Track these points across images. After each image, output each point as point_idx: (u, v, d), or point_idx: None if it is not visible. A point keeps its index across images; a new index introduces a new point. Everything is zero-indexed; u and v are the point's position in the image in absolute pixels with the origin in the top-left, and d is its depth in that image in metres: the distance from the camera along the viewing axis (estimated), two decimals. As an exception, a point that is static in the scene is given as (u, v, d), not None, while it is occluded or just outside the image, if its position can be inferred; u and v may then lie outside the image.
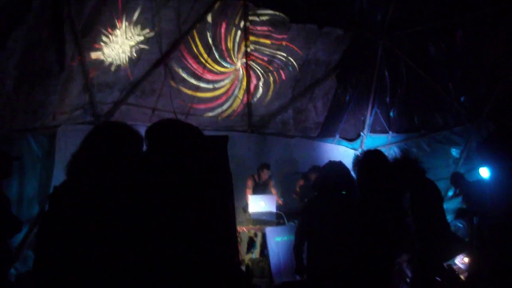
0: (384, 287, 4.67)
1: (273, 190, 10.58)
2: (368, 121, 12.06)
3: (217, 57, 9.90)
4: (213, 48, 9.74)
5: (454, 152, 11.44)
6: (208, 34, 9.53)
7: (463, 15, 9.83)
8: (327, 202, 5.32)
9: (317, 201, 5.58)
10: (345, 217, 4.75)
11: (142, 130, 3.08)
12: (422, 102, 11.41)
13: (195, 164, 3.17)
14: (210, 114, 10.56)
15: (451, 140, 11.50)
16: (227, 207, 5.99)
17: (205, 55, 9.71)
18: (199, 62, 9.73)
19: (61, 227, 2.67)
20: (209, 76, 10.03)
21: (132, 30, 8.49)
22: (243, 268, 8.56)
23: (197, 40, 9.48)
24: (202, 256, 2.98)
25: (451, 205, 10.46)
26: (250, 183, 10.46)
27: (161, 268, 2.85)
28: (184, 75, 9.70)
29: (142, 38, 8.66)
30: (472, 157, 10.84)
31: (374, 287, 4.59)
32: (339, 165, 5.70)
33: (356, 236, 4.54)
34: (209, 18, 9.30)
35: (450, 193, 10.87)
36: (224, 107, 10.67)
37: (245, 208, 10.04)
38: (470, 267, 8.05)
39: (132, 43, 8.62)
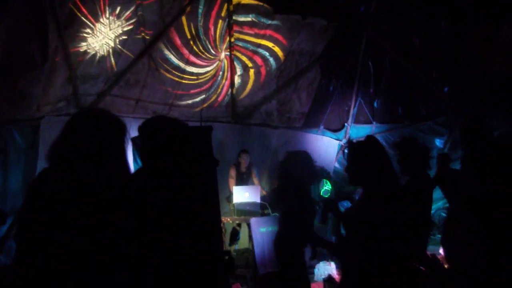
0: None
1: (256, 180, 10.59)
2: (352, 111, 12.11)
3: (201, 48, 9.90)
4: (197, 39, 9.74)
5: (438, 142, 11.50)
6: (192, 25, 9.53)
7: (446, 6, 9.88)
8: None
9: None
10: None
11: (127, 122, 3.09)
12: (405, 93, 11.47)
13: (185, 155, 3.19)
14: (194, 104, 10.52)
15: (435, 130, 11.56)
16: (214, 197, 6.01)
17: (190, 46, 9.70)
18: (183, 53, 9.72)
19: (39, 216, 2.63)
20: (193, 67, 10.02)
21: (116, 21, 8.47)
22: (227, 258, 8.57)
23: (181, 31, 9.47)
24: (193, 244, 3.01)
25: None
26: (232, 172, 10.45)
27: (153, 258, 2.87)
28: (168, 66, 9.68)
29: (125, 29, 8.64)
30: (456, 147, 10.89)
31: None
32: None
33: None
34: (192, 9, 9.29)
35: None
36: (208, 97, 10.64)
37: (228, 198, 10.05)
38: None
39: (116, 34, 8.60)
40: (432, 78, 11.03)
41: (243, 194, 9.53)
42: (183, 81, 10.07)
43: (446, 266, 7.66)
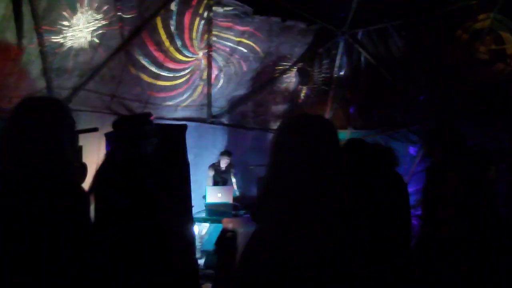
0: None
1: (233, 178, 10.62)
2: (328, 116, 12.11)
3: (179, 46, 9.83)
4: (176, 37, 9.67)
5: (412, 150, 11.54)
6: (171, 23, 9.46)
7: (425, 14, 9.95)
8: None
9: None
10: None
11: (100, 117, 3.02)
12: (381, 100, 11.51)
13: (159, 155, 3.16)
14: (170, 103, 10.47)
15: (409, 138, 11.60)
16: (187, 197, 5.96)
17: (167, 44, 9.63)
18: (160, 50, 9.64)
19: None
20: (170, 65, 9.95)
21: (94, 14, 8.37)
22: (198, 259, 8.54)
23: (159, 28, 9.40)
24: (165, 246, 2.98)
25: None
26: (210, 172, 10.47)
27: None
28: (145, 63, 9.60)
29: (103, 23, 8.55)
30: (428, 156, 10.93)
31: None
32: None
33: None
34: (173, 7, 9.23)
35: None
36: (184, 96, 10.59)
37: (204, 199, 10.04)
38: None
39: (93, 27, 8.50)
40: (408, 86, 11.07)
41: (215, 195, 9.50)
42: (158, 82, 10.00)
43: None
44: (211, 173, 10.50)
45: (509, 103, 9.51)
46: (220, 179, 10.50)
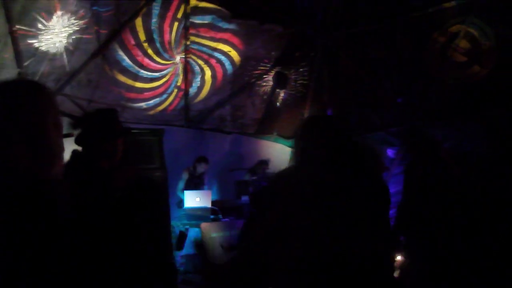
0: None
1: (205, 186, 10.65)
2: (306, 119, 12.13)
3: (157, 50, 9.78)
4: (153, 40, 9.62)
5: (390, 152, 11.58)
6: (148, 26, 9.41)
7: (401, 17, 10.02)
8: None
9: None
10: None
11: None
12: (359, 102, 11.54)
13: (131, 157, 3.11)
14: (147, 107, 10.41)
15: (387, 140, 11.64)
16: (165, 204, 5.92)
17: (145, 47, 9.58)
18: (138, 54, 9.58)
19: None
20: (147, 69, 9.89)
21: (70, 18, 8.30)
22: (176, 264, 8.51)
23: (137, 31, 9.34)
24: (139, 252, 2.95)
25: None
26: (185, 175, 10.46)
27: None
28: (122, 67, 9.54)
29: (79, 27, 8.48)
30: (407, 158, 11.00)
31: None
32: None
33: None
34: (149, 10, 9.18)
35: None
36: (162, 100, 10.54)
37: (179, 204, 10.01)
38: (402, 264, 8.16)
39: (69, 31, 8.43)
40: (386, 88, 11.12)
41: (194, 199, 9.49)
42: (137, 84, 9.94)
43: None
44: (185, 176, 10.49)
45: (485, 105, 9.59)
46: (193, 185, 10.49)
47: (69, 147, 5.19)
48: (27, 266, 1.96)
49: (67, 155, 4.69)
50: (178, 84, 10.57)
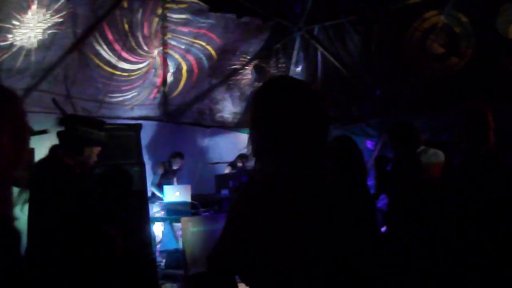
0: None
1: (175, 182, 10.64)
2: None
3: (133, 44, 9.70)
4: (130, 34, 9.55)
5: (369, 144, 11.64)
6: (125, 20, 9.33)
7: (380, 9, 10.05)
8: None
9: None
10: None
11: (55, 118, 2.94)
12: (338, 94, 11.57)
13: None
14: (125, 102, 10.35)
15: (366, 132, 11.70)
16: (144, 200, 5.90)
17: (122, 42, 9.50)
18: (115, 49, 9.50)
19: None
20: (124, 64, 9.81)
21: (45, 13, 8.21)
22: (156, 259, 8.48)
23: (113, 26, 9.26)
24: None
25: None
26: (160, 170, 10.42)
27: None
28: (99, 62, 9.46)
29: (55, 21, 8.39)
30: (386, 149, 11.05)
31: None
32: None
33: None
34: (126, 4, 9.11)
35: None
36: (140, 95, 10.48)
37: (150, 198, 9.99)
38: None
39: (45, 27, 8.34)
40: (365, 80, 11.17)
41: (173, 194, 9.44)
42: (114, 78, 9.86)
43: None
44: (161, 171, 10.45)
45: (463, 96, 9.64)
46: (166, 180, 10.46)
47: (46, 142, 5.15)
48: None
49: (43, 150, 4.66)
50: (156, 78, 10.52)
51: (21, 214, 3.86)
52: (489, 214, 4.04)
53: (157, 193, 10.16)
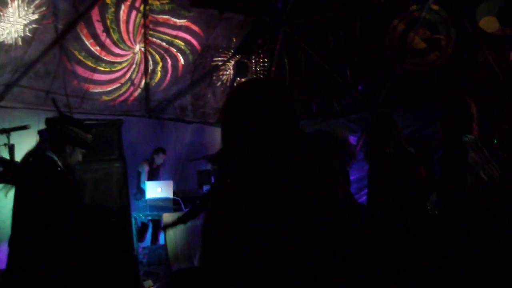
0: None
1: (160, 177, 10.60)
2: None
3: (115, 39, 9.67)
4: (112, 30, 9.51)
5: (351, 139, 11.67)
6: (107, 16, 9.29)
7: (362, 4, 10.11)
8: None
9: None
10: None
11: (36, 114, 2.94)
12: (320, 90, 11.61)
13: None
14: (106, 97, 10.30)
15: (348, 127, 11.74)
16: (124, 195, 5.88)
17: (103, 37, 9.46)
18: (96, 44, 9.46)
19: None
20: (106, 59, 9.78)
21: (26, 8, 8.14)
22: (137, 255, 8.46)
23: (95, 21, 9.21)
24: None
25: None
26: (146, 166, 10.37)
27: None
28: (80, 57, 9.40)
29: (36, 17, 8.33)
30: (367, 145, 11.10)
31: None
32: None
33: None
34: (108, 0, 9.08)
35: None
36: (121, 91, 10.43)
37: (137, 195, 9.94)
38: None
39: (26, 22, 8.27)
40: (346, 75, 11.21)
41: (155, 190, 9.42)
42: (96, 74, 9.81)
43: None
44: (147, 168, 10.40)
45: (444, 91, 9.71)
46: (151, 176, 10.42)
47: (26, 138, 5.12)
48: None
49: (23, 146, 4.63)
50: (137, 73, 10.49)
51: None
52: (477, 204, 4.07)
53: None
